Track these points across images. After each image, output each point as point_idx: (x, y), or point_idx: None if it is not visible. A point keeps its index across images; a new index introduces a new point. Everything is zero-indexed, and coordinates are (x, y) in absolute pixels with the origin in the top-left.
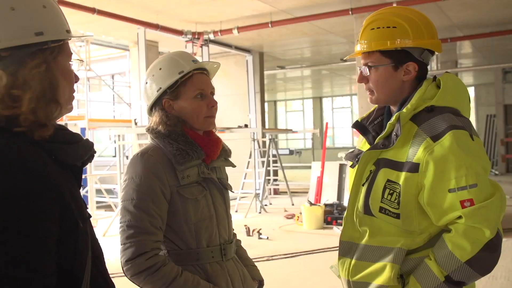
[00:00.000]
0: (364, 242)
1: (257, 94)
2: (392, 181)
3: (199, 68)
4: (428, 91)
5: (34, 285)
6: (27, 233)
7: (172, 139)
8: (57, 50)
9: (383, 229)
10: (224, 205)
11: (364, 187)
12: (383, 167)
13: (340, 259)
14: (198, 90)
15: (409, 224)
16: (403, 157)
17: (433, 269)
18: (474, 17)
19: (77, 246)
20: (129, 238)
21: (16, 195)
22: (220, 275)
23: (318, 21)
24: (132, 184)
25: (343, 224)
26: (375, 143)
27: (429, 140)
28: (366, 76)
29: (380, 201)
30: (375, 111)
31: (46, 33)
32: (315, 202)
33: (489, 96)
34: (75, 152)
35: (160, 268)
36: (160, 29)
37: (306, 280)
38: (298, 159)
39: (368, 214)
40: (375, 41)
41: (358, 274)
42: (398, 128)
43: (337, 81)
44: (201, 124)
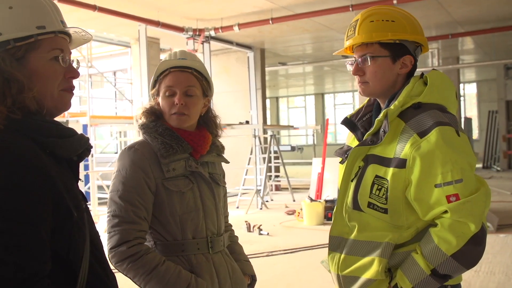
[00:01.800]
0: (352, 237)
1: (259, 91)
2: (380, 177)
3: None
4: (415, 88)
5: (27, 270)
6: (19, 221)
7: (158, 134)
8: (24, 48)
9: (371, 224)
10: (213, 199)
11: (353, 183)
12: (372, 163)
13: (330, 254)
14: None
15: (396, 219)
16: (391, 153)
17: (420, 263)
18: (475, 13)
19: (72, 235)
20: (114, 227)
21: (9, 185)
22: (204, 267)
23: (319, 18)
24: (119, 176)
25: (332, 219)
26: (363, 140)
27: (416, 136)
28: (362, 68)
29: (368, 197)
30: (364, 108)
31: (5, 32)
32: (315, 198)
33: (491, 92)
34: (69, 145)
35: (142, 256)
36: (161, 26)
37: (305, 275)
38: (299, 156)
39: (356, 209)
40: (376, 33)
41: (347, 268)
42: (385, 124)
43: (339, 77)
44: (170, 121)
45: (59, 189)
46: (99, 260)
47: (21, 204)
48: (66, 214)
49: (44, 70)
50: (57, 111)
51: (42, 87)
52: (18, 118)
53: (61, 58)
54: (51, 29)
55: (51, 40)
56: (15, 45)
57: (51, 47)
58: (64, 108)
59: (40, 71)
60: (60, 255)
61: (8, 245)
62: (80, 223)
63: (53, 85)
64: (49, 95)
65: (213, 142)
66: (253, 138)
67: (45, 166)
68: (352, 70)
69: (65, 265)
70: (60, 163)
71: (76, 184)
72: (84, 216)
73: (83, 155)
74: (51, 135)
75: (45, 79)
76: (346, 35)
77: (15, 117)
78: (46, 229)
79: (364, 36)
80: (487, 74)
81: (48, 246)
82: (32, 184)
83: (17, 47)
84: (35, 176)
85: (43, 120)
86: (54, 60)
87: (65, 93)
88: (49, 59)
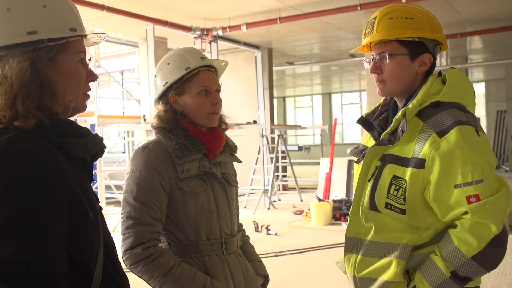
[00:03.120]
0: (369, 238)
1: (266, 90)
2: (398, 177)
3: (206, 65)
4: (433, 86)
5: (44, 271)
6: (36, 221)
7: (173, 134)
8: (56, 48)
9: (388, 225)
10: (226, 199)
11: (370, 183)
12: (389, 163)
13: (346, 255)
14: (203, 87)
15: (415, 219)
16: (409, 152)
17: (439, 265)
18: (484, 12)
19: (87, 236)
20: (128, 228)
21: (24, 184)
22: (219, 268)
23: (327, 17)
24: (133, 177)
25: (348, 220)
26: (380, 139)
27: (435, 135)
28: (379, 66)
29: (386, 197)
30: (380, 107)
31: (40, 32)
32: (323, 198)
33: (500, 92)
34: (84, 146)
35: (157, 258)
36: (169, 25)
37: (314, 275)
38: (307, 155)
39: (373, 210)
40: (395, 30)
41: (364, 270)
42: (404, 123)
43: (346, 77)
44: (203, 120)
45: (75, 189)
46: (112, 261)
47: (37, 204)
48: (81, 214)
49: (72, 72)
50: (77, 113)
51: (71, 89)
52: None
53: (87, 60)
54: (81, 33)
55: (78, 43)
56: (48, 45)
57: (79, 49)
58: (82, 110)
59: (70, 73)
60: (75, 256)
61: (25, 246)
62: (96, 223)
63: (80, 88)
64: (75, 98)
65: (226, 141)
66: (260, 137)
67: (61, 166)
68: (370, 68)
69: (80, 266)
70: (74, 163)
71: (90, 184)
72: (99, 216)
73: (97, 156)
74: (66, 134)
75: (74, 82)
76: (363, 33)
77: (45, 122)
78: (62, 230)
79: (383, 34)
80: (495, 74)
81: (64, 246)
82: (48, 184)
83: (49, 47)
84: (51, 175)
85: (58, 119)
86: (80, 63)
87: (86, 96)
88: (76, 61)
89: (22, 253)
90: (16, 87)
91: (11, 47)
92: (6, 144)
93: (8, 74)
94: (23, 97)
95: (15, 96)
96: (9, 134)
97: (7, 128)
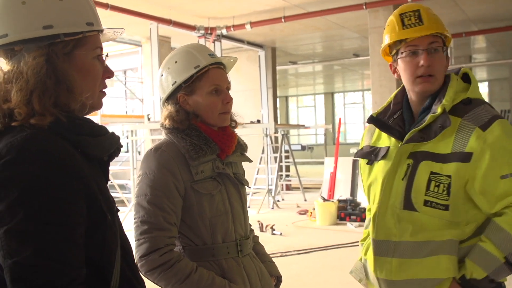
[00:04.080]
0: (406, 238)
1: (269, 90)
2: (436, 173)
3: (215, 63)
4: (458, 84)
5: (62, 276)
6: (54, 223)
7: (185, 134)
8: (72, 43)
9: (425, 223)
10: (240, 200)
11: (403, 182)
12: (423, 160)
13: (377, 260)
14: (214, 86)
15: (457, 215)
16: (446, 149)
17: (492, 251)
18: (489, 11)
19: (105, 239)
20: (143, 234)
21: (42, 185)
22: (236, 271)
23: (331, 16)
24: (146, 179)
25: (373, 222)
26: (410, 137)
27: (478, 130)
28: (430, 59)
29: (424, 194)
30: (392, 106)
31: (56, 26)
32: (328, 198)
33: (503, 91)
34: (101, 145)
35: (174, 264)
36: (173, 24)
37: (320, 276)
38: (309, 155)
39: (408, 209)
40: (439, 25)
41: (405, 272)
42: (445, 120)
43: (349, 76)
44: (215, 120)
45: (93, 190)
46: (130, 264)
47: (55, 206)
48: (100, 216)
49: (89, 68)
50: (92, 110)
51: (88, 86)
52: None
53: (103, 56)
54: (98, 27)
55: (95, 38)
56: (64, 40)
57: (95, 45)
58: (98, 108)
59: (86, 69)
60: (92, 259)
61: (42, 250)
62: (113, 225)
63: (96, 84)
64: (92, 95)
65: (237, 140)
66: (264, 137)
67: (78, 166)
68: (424, 59)
69: (98, 270)
70: (91, 162)
71: (106, 185)
72: (116, 218)
73: (114, 155)
74: (83, 133)
75: (91, 78)
76: (399, 23)
77: (63, 120)
78: (80, 232)
79: (435, 26)
80: (499, 73)
81: (83, 250)
82: (65, 184)
83: (65, 42)
84: (69, 175)
85: (75, 117)
86: (96, 59)
87: (102, 93)
88: (92, 57)
89: (39, 257)
90: (32, 83)
91: (26, 42)
92: (22, 143)
93: (24, 69)
94: (39, 94)
95: (31, 92)
96: (25, 132)
97: (23, 126)
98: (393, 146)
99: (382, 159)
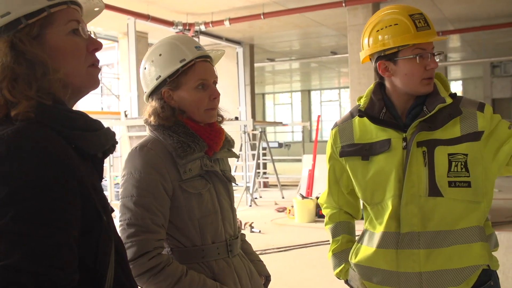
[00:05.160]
0: (431, 228)
1: (247, 87)
2: (453, 154)
3: (202, 56)
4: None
5: (54, 282)
6: (46, 224)
7: (172, 131)
8: (38, 24)
9: (450, 210)
10: (228, 198)
11: (425, 168)
12: (437, 146)
13: (400, 253)
14: (200, 80)
15: (478, 191)
16: (455, 133)
17: None
18: (465, 11)
19: (100, 242)
20: (130, 237)
21: (35, 183)
22: (227, 273)
23: (311, 13)
24: (131, 179)
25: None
26: (420, 126)
27: (478, 112)
28: None
29: (447, 176)
30: (378, 101)
31: (13, 10)
32: (306, 195)
33: (477, 90)
34: (97, 140)
35: (164, 268)
36: (150, 19)
37: (301, 274)
38: (286, 152)
39: (433, 195)
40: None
41: (436, 262)
42: (456, 109)
43: (326, 74)
44: (201, 116)
45: (88, 189)
46: (124, 268)
47: (48, 205)
48: (94, 217)
49: (65, 46)
50: (87, 90)
51: (68, 65)
52: (42, 107)
53: (81, 29)
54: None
55: (65, 12)
56: (28, 23)
57: (67, 19)
58: (94, 85)
59: (61, 48)
60: (86, 263)
61: (33, 253)
62: (108, 227)
63: (79, 61)
64: (76, 74)
65: (225, 136)
66: (242, 134)
67: (73, 163)
68: (433, 63)
69: (91, 274)
70: (84, 159)
71: (101, 184)
72: (110, 219)
73: (109, 152)
74: (77, 127)
75: (69, 56)
76: (413, 25)
77: (46, 103)
78: (74, 234)
79: (435, 31)
80: (473, 72)
81: (76, 253)
82: (59, 183)
83: (30, 25)
84: (63, 173)
85: (68, 110)
86: (73, 34)
87: (93, 68)
88: (67, 32)
89: (30, 261)
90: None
91: None
92: (13, 136)
93: None
94: (9, 82)
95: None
96: (14, 126)
97: (10, 119)
98: (395, 137)
99: (385, 152)
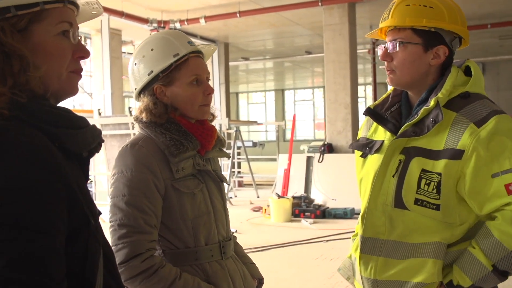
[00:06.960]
0: (393, 238)
1: (222, 85)
2: (427, 171)
3: (195, 51)
4: (458, 77)
5: None
6: (31, 229)
7: (164, 129)
8: (28, 17)
9: (417, 223)
10: (221, 199)
11: (394, 179)
12: (416, 156)
13: (362, 257)
14: (194, 76)
15: (449, 215)
16: (439, 145)
17: (480, 258)
18: None
19: (88, 246)
20: (121, 238)
21: (18, 185)
22: (221, 276)
23: (286, 12)
24: (123, 178)
25: (362, 219)
26: (403, 131)
27: (473, 125)
28: (390, 54)
29: (415, 192)
30: (391, 98)
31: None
32: (282, 194)
33: None
34: (82, 138)
35: (157, 270)
36: (125, 16)
37: (279, 273)
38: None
39: (399, 207)
40: (410, 17)
41: (388, 272)
42: (438, 114)
43: (299, 73)
44: (195, 113)
45: (74, 191)
46: (113, 274)
47: (33, 209)
48: (82, 221)
49: (51, 47)
50: (64, 96)
51: (49, 66)
52: (23, 103)
53: (71, 33)
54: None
55: (60, 11)
56: (17, 14)
57: (60, 19)
58: (72, 92)
59: (47, 48)
60: (74, 270)
61: (19, 260)
62: (96, 231)
63: (62, 65)
64: (56, 77)
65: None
66: None
67: (59, 163)
68: (381, 54)
69: (79, 282)
70: (69, 158)
71: (87, 185)
72: (98, 223)
73: (94, 151)
74: (61, 125)
75: (53, 58)
76: (381, 18)
77: (20, 101)
78: (61, 239)
79: (397, 20)
80: None
81: (63, 259)
82: (45, 184)
83: (18, 17)
84: (49, 174)
85: (51, 106)
86: (62, 36)
87: (74, 75)
88: (56, 33)
89: (16, 269)
90: None
91: None
92: None
93: None
94: None
95: None
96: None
97: None
98: (387, 140)
99: (375, 153)
